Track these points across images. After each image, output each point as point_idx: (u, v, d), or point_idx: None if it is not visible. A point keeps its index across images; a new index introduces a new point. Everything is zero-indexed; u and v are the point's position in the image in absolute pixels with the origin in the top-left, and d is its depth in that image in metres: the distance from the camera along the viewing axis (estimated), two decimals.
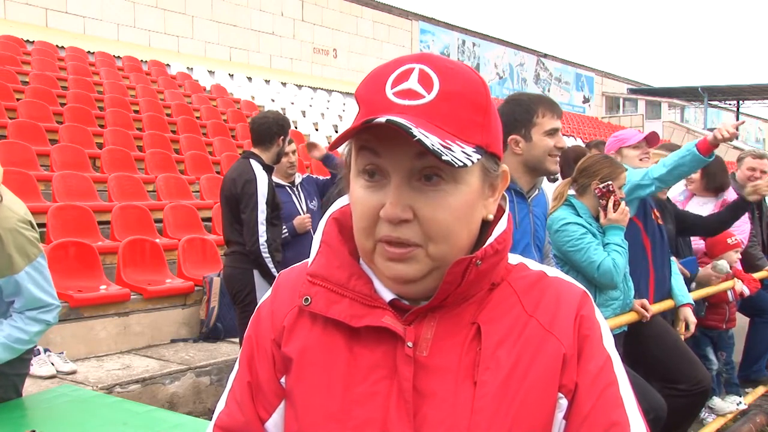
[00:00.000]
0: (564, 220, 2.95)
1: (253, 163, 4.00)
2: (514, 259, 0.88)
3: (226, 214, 4.06)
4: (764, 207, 4.91)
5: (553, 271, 0.88)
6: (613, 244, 2.88)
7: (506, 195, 0.87)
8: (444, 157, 0.71)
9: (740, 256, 4.18)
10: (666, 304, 3.38)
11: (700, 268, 3.98)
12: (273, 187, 4.03)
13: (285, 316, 0.87)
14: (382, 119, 0.71)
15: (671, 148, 4.18)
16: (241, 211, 3.92)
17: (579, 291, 0.86)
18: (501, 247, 0.82)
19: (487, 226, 0.84)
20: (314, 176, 4.95)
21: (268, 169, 4.06)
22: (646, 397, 2.85)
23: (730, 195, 4.43)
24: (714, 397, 4.22)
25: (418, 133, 0.70)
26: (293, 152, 4.44)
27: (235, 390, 0.90)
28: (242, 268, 3.96)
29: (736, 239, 4.17)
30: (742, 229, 4.36)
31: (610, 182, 2.92)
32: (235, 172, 4.00)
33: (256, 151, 4.09)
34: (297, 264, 0.94)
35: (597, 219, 2.99)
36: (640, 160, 3.43)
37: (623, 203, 2.93)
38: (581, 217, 2.97)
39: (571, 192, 3.09)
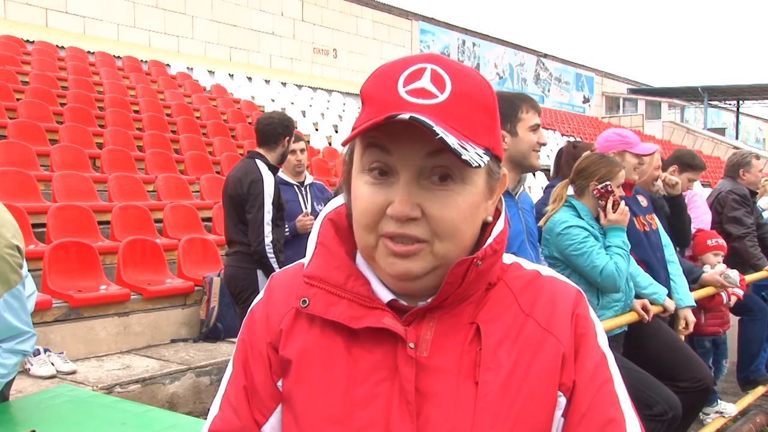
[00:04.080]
0: (566, 222, 2.92)
1: (259, 163, 3.99)
2: (508, 258, 0.89)
3: (229, 213, 4.05)
4: (755, 204, 4.94)
5: (546, 271, 0.89)
6: (615, 246, 2.86)
7: (511, 196, 0.88)
8: (463, 156, 0.71)
9: (720, 260, 4.16)
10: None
11: (705, 270, 3.95)
12: (278, 188, 4.03)
13: (282, 318, 0.87)
14: (405, 115, 0.71)
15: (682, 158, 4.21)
16: (247, 211, 3.91)
17: (573, 290, 0.86)
18: (499, 247, 0.83)
19: (485, 228, 0.84)
20: (326, 188, 4.90)
21: (274, 170, 4.06)
22: (663, 395, 2.85)
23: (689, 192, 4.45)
24: (721, 401, 4.22)
25: (440, 131, 0.71)
26: (301, 150, 4.43)
27: (230, 394, 0.88)
28: (245, 267, 3.96)
29: (717, 242, 4.15)
30: (701, 219, 4.38)
31: (608, 182, 2.89)
32: (241, 172, 3.99)
33: (261, 151, 4.09)
34: (289, 266, 0.94)
35: (598, 220, 2.97)
36: (634, 169, 3.37)
37: (623, 203, 2.91)
38: (583, 219, 2.94)
39: (571, 192, 3.08)
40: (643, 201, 3.49)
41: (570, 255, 2.88)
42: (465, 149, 0.72)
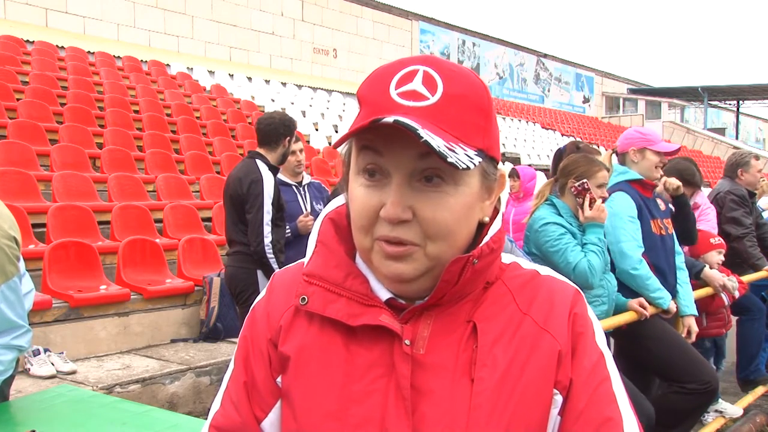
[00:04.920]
0: (544, 219, 2.99)
1: (259, 163, 4.00)
2: (507, 258, 0.90)
3: (230, 213, 4.05)
4: (755, 204, 4.96)
5: (545, 270, 0.89)
6: (590, 243, 2.90)
7: (500, 197, 0.88)
8: (449, 159, 0.72)
9: (722, 258, 4.15)
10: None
11: (708, 269, 3.94)
12: (278, 188, 4.04)
13: (281, 315, 0.88)
14: (389, 119, 0.72)
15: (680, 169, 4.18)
16: (247, 211, 3.91)
17: (572, 289, 0.87)
18: (496, 246, 0.83)
19: (481, 228, 0.85)
20: (324, 187, 4.90)
21: (274, 170, 4.06)
22: (639, 406, 2.86)
23: (700, 197, 4.45)
24: (721, 400, 4.21)
25: (425, 134, 0.71)
26: (300, 150, 4.44)
27: (231, 390, 0.90)
28: (246, 267, 3.96)
29: (719, 240, 4.15)
30: (712, 224, 4.39)
31: (585, 180, 2.95)
32: (241, 172, 4.00)
33: (261, 151, 4.09)
34: (291, 264, 0.95)
35: (578, 218, 3.03)
36: (655, 167, 3.36)
37: (599, 201, 2.96)
38: (562, 216, 3.01)
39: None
40: (662, 204, 3.47)
41: (546, 251, 2.95)
42: (453, 151, 0.73)
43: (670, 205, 3.79)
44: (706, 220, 4.42)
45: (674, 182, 3.81)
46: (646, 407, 2.89)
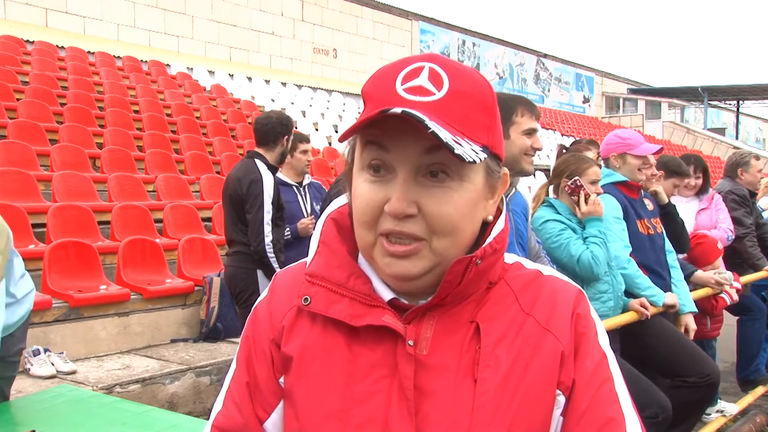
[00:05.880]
0: (543, 218, 3.03)
1: (258, 163, 4.01)
2: (509, 258, 0.89)
3: (229, 213, 4.06)
4: (755, 204, 4.96)
5: (548, 270, 0.89)
6: (592, 236, 2.93)
7: (503, 197, 0.88)
8: (456, 151, 0.72)
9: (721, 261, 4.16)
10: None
11: (700, 271, 3.94)
12: (278, 188, 4.04)
13: (284, 316, 0.88)
14: (397, 110, 0.72)
15: (668, 164, 4.15)
16: (247, 211, 3.92)
17: (574, 289, 0.87)
18: (499, 246, 0.83)
19: (485, 228, 0.85)
20: (324, 187, 4.91)
21: (273, 169, 4.07)
22: (653, 397, 2.87)
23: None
24: (720, 401, 4.21)
25: (433, 125, 0.71)
26: (310, 151, 4.48)
27: (233, 390, 0.90)
28: (246, 267, 3.96)
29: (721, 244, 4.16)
30: (727, 224, 4.38)
31: (577, 178, 2.99)
32: (241, 172, 4.00)
33: (260, 151, 4.10)
34: (293, 264, 0.95)
35: (576, 215, 3.06)
36: (639, 170, 3.37)
37: (594, 195, 2.98)
38: (561, 214, 3.04)
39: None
40: (650, 204, 3.49)
41: (549, 248, 2.97)
42: (459, 144, 0.73)
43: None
44: (722, 209, 4.43)
45: (663, 199, 3.80)
46: (664, 400, 2.89)
